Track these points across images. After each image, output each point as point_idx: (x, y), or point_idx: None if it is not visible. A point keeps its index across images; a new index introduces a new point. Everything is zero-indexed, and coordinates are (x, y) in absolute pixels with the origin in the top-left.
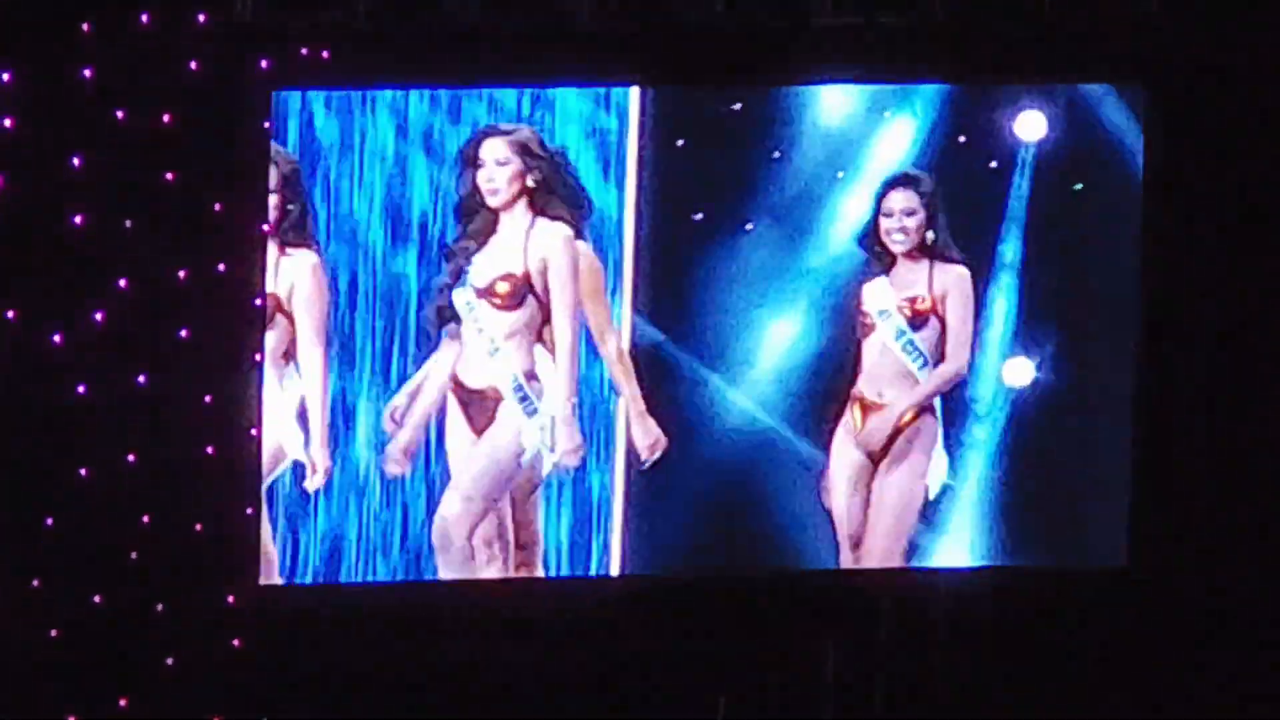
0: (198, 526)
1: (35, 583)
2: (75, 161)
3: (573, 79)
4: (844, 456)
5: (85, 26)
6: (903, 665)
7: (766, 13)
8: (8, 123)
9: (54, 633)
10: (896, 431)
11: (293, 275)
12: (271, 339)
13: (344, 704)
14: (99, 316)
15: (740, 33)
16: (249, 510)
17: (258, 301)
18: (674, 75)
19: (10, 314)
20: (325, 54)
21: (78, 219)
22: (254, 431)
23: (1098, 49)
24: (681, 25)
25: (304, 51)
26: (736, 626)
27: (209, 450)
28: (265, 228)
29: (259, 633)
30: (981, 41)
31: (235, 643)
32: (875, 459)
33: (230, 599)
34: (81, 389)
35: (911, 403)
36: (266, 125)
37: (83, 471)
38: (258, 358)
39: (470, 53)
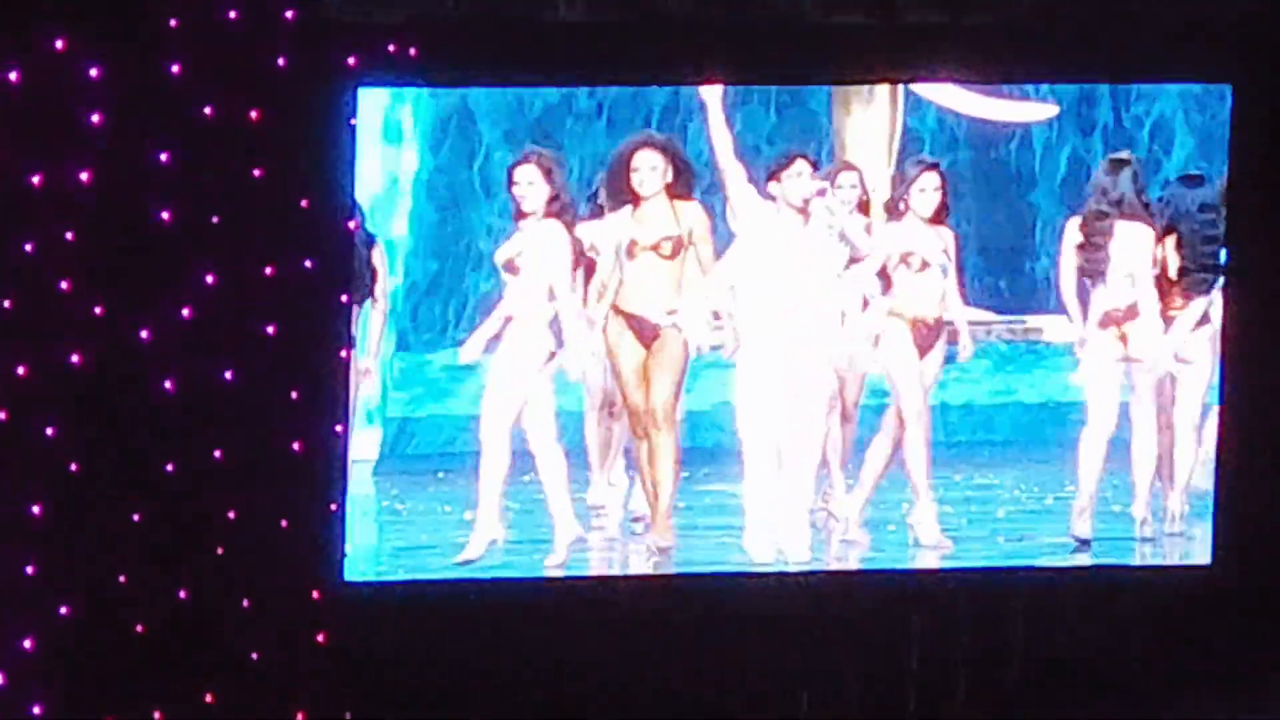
0: (283, 522)
1: (122, 578)
2: (163, 157)
3: (665, 78)
4: None
5: (173, 21)
6: (984, 663)
7: (853, 9)
8: (96, 118)
9: (140, 628)
10: None
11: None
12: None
13: (427, 701)
14: (186, 312)
15: (826, 29)
16: (334, 506)
17: (344, 297)
18: (757, 73)
19: (98, 309)
20: (413, 50)
21: (165, 214)
22: (339, 428)
23: (1186, 48)
24: (769, 21)
25: (392, 48)
26: (819, 623)
27: (295, 446)
28: (351, 223)
29: (344, 628)
30: (1067, 41)
31: (320, 638)
32: None
33: (315, 595)
34: (168, 384)
35: None
36: (353, 122)
37: (169, 467)
38: (344, 354)
39: (561, 49)
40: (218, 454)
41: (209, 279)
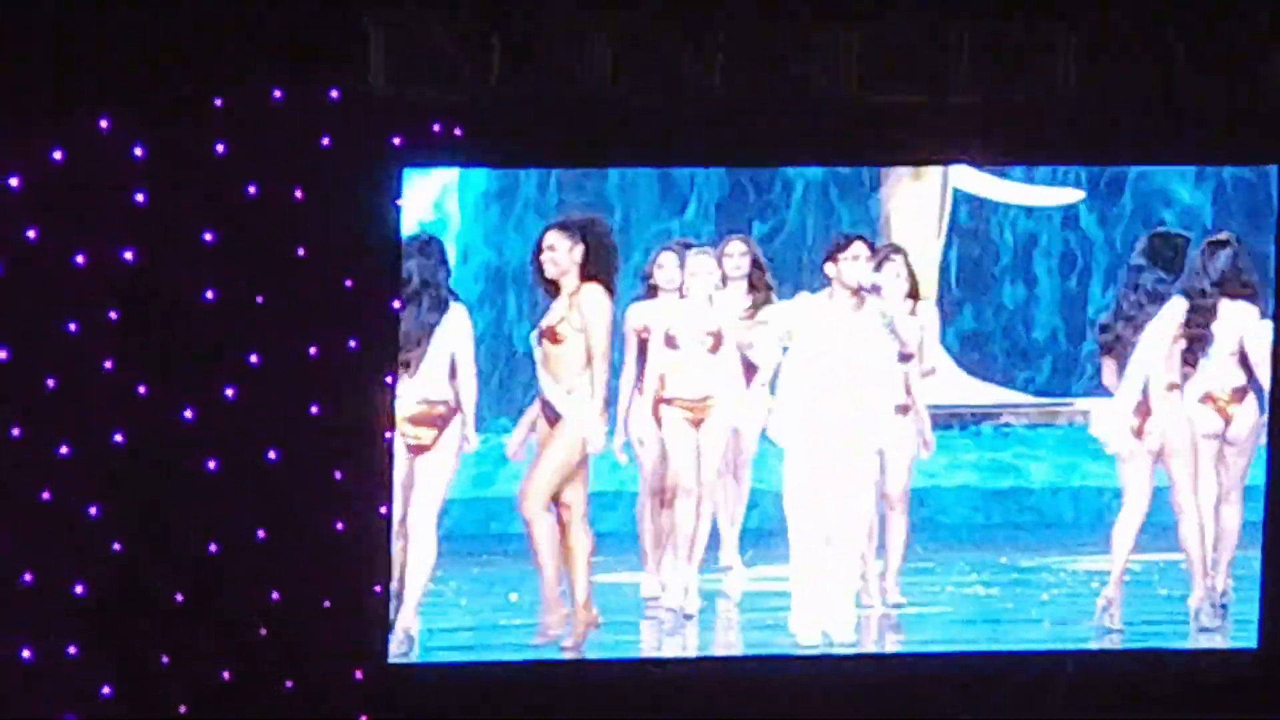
0: (326, 603)
1: (164, 658)
2: (207, 236)
3: (707, 158)
4: None
5: (218, 101)
6: None
7: (894, 89)
8: (140, 197)
9: (183, 708)
10: None
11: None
12: None
13: None
14: (229, 392)
15: (873, 109)
16: (377, 587)
17: (389, 379)
18: (807, 151)
19: (141, 389)
20: (458, 131)
21: (209, 294)
22: (383, 509)
23: (1232, 128)
24: (814, 100)
25: (436, 128)
26: (865, 705)
27: (338, 526)
28: (396, 304)
29: (386, 710)
30: (1115, 121)
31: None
32: None
33: (358, 676)
34: (212, 464)
35: None
36: (398, 202)
37: (213, 547)
38: (388, 435)
39: (603, 129)
40: (261, 534)
41: (252, 359)
